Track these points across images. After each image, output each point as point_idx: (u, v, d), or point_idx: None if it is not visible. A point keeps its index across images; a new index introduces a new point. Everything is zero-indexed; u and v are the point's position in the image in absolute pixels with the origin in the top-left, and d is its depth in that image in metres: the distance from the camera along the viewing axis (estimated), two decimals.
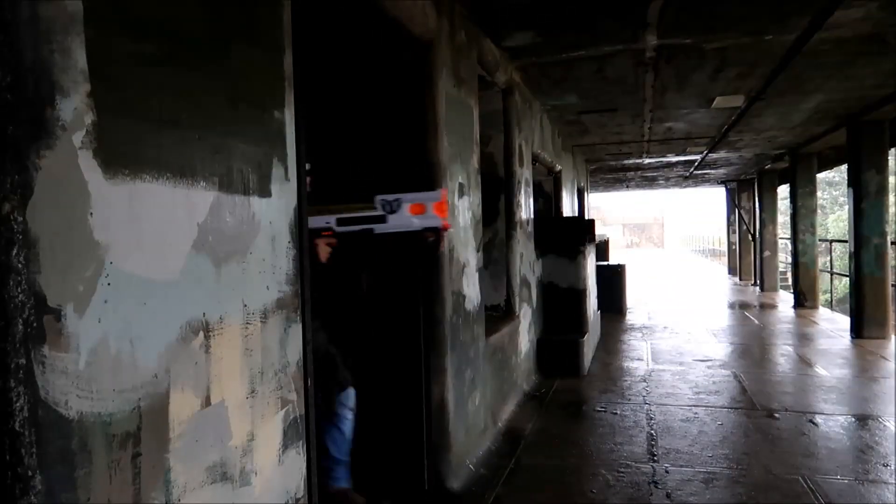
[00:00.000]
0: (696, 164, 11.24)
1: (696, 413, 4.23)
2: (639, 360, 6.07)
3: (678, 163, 11.29)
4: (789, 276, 11.90)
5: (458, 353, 3.22)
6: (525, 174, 5.21)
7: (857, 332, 7.10)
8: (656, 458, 3.40)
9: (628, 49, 4.37)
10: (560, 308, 5.72)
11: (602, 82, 5.27)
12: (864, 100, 6.17)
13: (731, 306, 10.53)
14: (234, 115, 1.44)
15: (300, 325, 1.72)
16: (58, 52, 0.99)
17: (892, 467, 3.26)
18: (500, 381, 4.13)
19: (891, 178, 8.25)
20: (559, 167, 7.39)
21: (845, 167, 7.80)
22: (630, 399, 4.61)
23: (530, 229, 5.43)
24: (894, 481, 3.09)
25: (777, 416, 4.16)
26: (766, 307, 10.19)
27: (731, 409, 4.36)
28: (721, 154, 10.07)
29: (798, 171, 9.76)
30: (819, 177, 10.38)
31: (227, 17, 1.44)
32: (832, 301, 10.67)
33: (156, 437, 1.18)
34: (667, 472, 3.22)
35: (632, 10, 3.64)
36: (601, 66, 4.79)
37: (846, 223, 7.75)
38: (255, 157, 1.52)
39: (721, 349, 6.56)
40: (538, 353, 5.41)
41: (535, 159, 5.99)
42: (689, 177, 13.90)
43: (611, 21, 3.82)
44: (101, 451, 1.06)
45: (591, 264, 6.17)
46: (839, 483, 3.06)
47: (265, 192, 1.56)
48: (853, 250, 7.22)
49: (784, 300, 10.90)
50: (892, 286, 7.30)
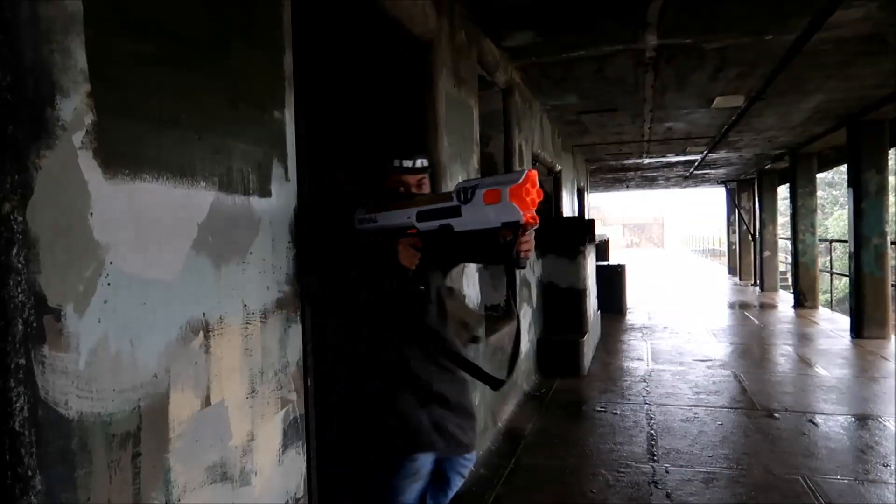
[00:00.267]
0: (696, 164, 11.24)
1: (696, 413, 4.23)
2: (639, 360, 6.07)
3: (678, 163, 11.29)
4: (789, 276, 11.90)
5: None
6: None
7: (857, 332, 7.10)
8: (656, 458, 3.40)
9: (628, 49, 4.37)
10: (560, 308, 5.72)
11: (602, 82, 5.27)
12: (864, 100, 6.17)
13: (731, 306, 10.53)
14: (234, 115, 1.44)
15: (300, 325, 1.72)
16: (58, 52, 0.99)
17: (892, 467, 3.26)
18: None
19: (891, 177, 8.25)
20: (559, 167, 7.39)
21: (845, 167, 7.80)
22: (630, 399, 4.60)
23: None
24: (894, 481, 3.09)
25: (777, 416, 4.16)
26: (766, 307, 10.19)
27: (732, 409, 4.36)
28: (721, 154, 10.07)
29: (798, 171, 9.75)
30: (819, 177, 10.38)
31: (227, 17, 1.44)
32: (832, 301, 10.66)
33: (156, 437, 1.18)
34: (667, 472, 3.22)
35: (632, 10, 3.64)
36: (601, 66, 4.79)
37: (846, 223, 7.74)
38: (255, 157, 1.52)
39: (721, 349, 6.56)
40: (538, 353, 5.41)
41: (535, 159, 5.98)
42: (689, 177, 13.90)
43: (611, 21, 3.82)
44: (101, 451, 1.06)
45: (591, 264, 6.17)
46: (839, 483, 3.06)
47: (265, 192, 1.56)
48: (853, 250, 7.22)
49: (784, 300, 10.90)
50: (892, 286, 7.30)
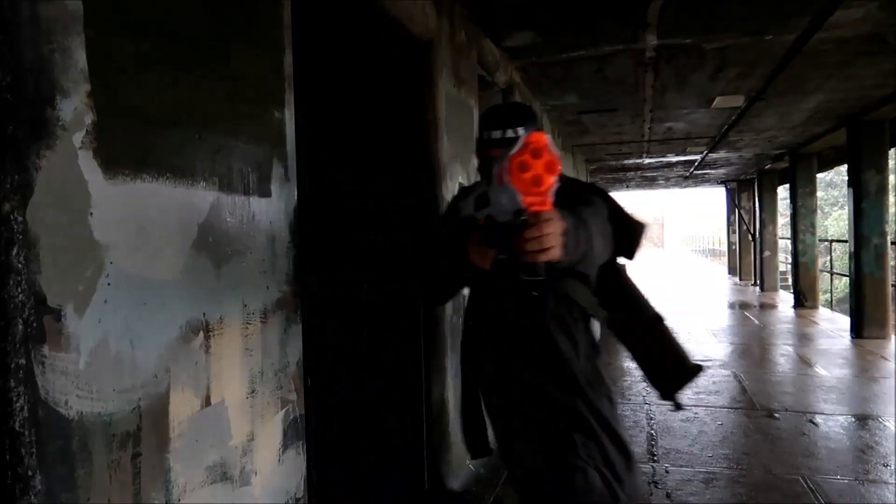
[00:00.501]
0: (696, 164, 11.23)
1: (696, 413, 4.23)
2: None
3: (678, 163, 11.28)
4: (789, 276, 11.90)
5: (459, 353, 3.21)
6: None
7: (857, 332, 7.10)
8: (656, 458, 3.40)
9: (628, 49, 4.37)
10: None
11: (602, 82, 5.27)
12: (864, 100, 6.17)
13: (731, 306, 10.53)
14: (234, 115, 1.44)
15: (300, 325, 1.72)
16: (58, 52, 0.99)
17: (892, 467, 3.26)
18: None
19: (891, 177, 8.24)
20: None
21: (845, 167, 7.80)
22: (630, 399, 4.60)
23: None
24: (894, 481, 3.09)
25: (777, 416, 4.16)
26: (766, 307, 10.18)
27: (732, 408, 4.35)
28: (721, 154, 10.07)
29: (798, 171, 9.75)
30: (819, 177, 10.38)
31: (227, 16, 1.44)
32: (832, 301, 10.66)
33: (156, 437, 1.18)
34: (667, 471, 3.22)
35: (632, 10, 3.63)
36: (601, 66, 4.79)
37: (846, 223, 7.74)
38: (255, 157, 1.52)
39: (721, 349, 6.56)
40: None
41: None
42: (689, 177, 13.89)
43: (611, 21, 3.82)
44: (101, 451, 1.06)
45: None
46: (839, 483, 3.06)
47: (265, 192, 1.56)
48: (853, 250, 7.22)
49: (784, 300, 10.89)
50: (892, 286, 7.29)
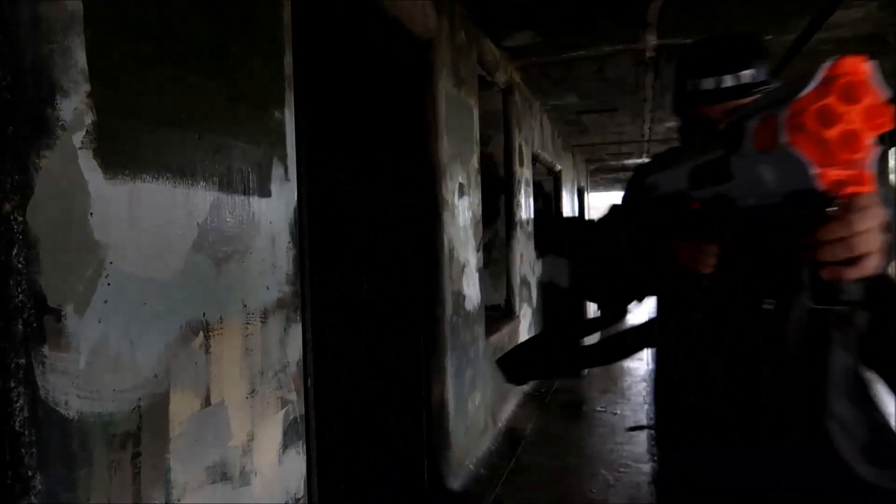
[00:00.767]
0: None
1: None
2: (639, 359, 6.06)
3: None
4: None
5: (458, 353, 3.22)
6: (525, 174, 5.21)
7: None
8: (657, 458, 3.40)
9: (628, 49, 4.37)
10: (560, 308, 5.72)
11: (602, 82, 5.27)
12: None
13: None
14: (234, 115, 1.44)
15: (300, 325, 1.72)
16: (58, 52, 0.99)
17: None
18: (500, 380, 4.12)
19: (891, 177, 8.23)
20: (559, 167, 7.39)
21: None
22: (630, 399, 4.60)
23: (530, 229, 5.42)
24: None
25: None
26: None
27: None
28: None
29: None
30: None
31: (227, 16, 1.44)
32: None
33: (156, 437, 1.18)
34: None
35: (632, 10, 3.63)
36: (601, 66, 4.79)
37: None
38: (255, 157, 1.52)
39: None
40: None
41: (535, 159, 5.98)
42: None
43: (611, 21, 3.82)
44: (101, 451, 1.06)
45: None
46: None
47: (265, 192, 1.56)
48: None
49: None
50: None
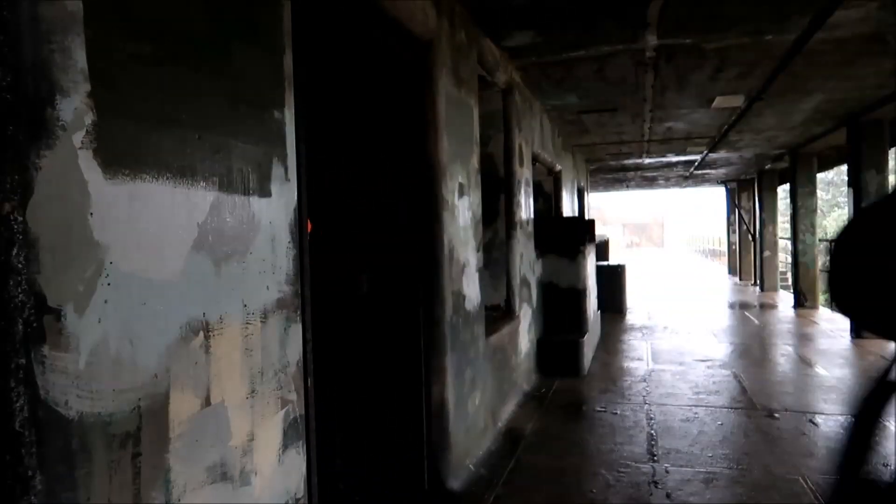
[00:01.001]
0: (696, 164, 11.23)
1: (696, 413, 4.23)
2: (639, 360, 6.07)
3: (678, 163, 11.28)
4: (789, 276, 11.90)
5: (459, 353, 3.22)
6: (525, 174, 5.21)
7: (856, 332, 7.09)
8: (656, 458, 3.40)
9: (628, 49, 4.37)
10: (560, 308, 5.72)
11: (602, 82, 5.27)
12: (865, 100, 6.17)
13: (731, 306, 10.52)
14: (234, 115, 1.44)
15: (300, 325, 1.72)
16: (58, 52, 0.99)
17: (893, 467, 3.26)
18: (500, 380, 4.12)
19: (891, 177, 8.24)
20: (559, 167, 7.39)
21: (845, 167, 7.79)
22: (630, 399, 4.60)
23: (530, 229, 5.43)
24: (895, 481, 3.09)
25: (777, 416, 4.16)
26: (766, 307, 10.18)
27: (732, 408, 4.35)
28: (721, 154, 10.07)
29: (798, 171, 9.75)
30: (819, 176, 10.38)
31: (227, 17, 1.44)
32: (832, 301, 10.63)
33: (156, 438, 1.18)
34: (667, 472, 3.22)
35: (632, 10, 3.63)
36: (601, 66, 4.79)
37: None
38: (255, 157, 1.52)
39: (721, 349, 6.55)
40: (538, 353, 5.41)
41: (535, 159, 5.98)
42: (689, 177, 13.89)
43: (611, 21, 3.82)
44: (101, 451, 1.06)
45: (591, 264, 6.17)
46: None
47: (265, 192, 1.56)
48: None
49: (784, 300, 10.89)
50: None
